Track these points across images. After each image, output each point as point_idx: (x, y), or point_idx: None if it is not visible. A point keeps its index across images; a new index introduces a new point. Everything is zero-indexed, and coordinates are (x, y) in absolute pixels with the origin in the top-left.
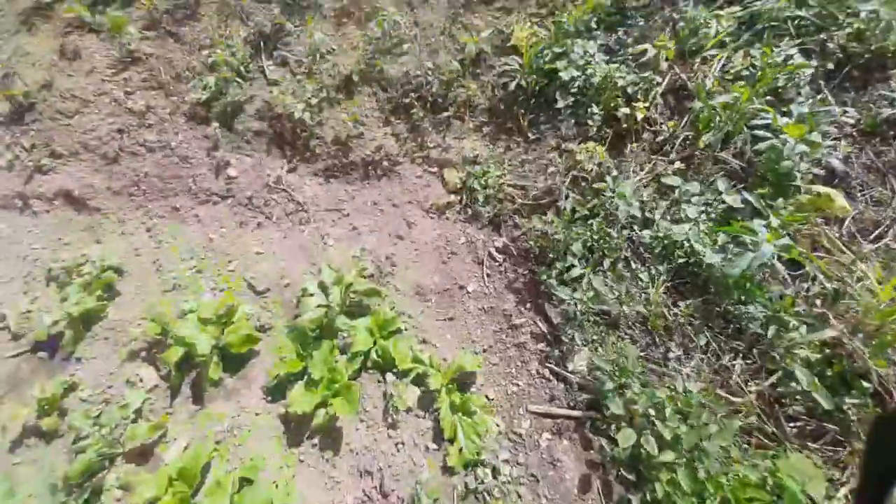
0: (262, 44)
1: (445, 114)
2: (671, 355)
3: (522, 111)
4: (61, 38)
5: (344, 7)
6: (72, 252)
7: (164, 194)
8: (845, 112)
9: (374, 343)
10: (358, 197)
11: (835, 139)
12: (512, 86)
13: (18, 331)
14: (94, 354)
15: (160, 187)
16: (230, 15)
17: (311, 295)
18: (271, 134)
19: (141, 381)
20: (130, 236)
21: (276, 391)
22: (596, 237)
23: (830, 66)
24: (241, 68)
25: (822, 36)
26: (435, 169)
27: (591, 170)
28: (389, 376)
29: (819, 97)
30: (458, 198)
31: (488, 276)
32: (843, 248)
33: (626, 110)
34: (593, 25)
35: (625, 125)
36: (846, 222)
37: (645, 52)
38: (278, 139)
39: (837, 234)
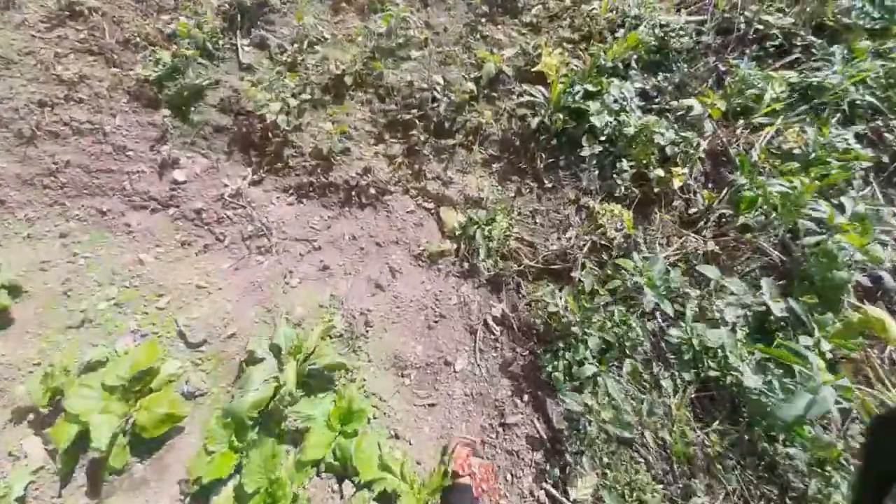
0: (238, 17)
1: (451, 140)
2: (696, 501)
3: (541, 152)
4: None
5: None
6: None
7: (88, 191)
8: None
9: (333, 440)
10: (334, 227)
11: (880, 243)
12: (533, 122)
13: None
14: None
15: (84, 182)
16: None
17: (260, 360)
18: (235, 133)
19: (26, 456)
20: (38, 242)
21: (199, 493)
22: (616, 330)
23: (885, 157)
24: (209, 44)
25: (879, 122)
26: (431, 205)
27: (614, 238)
28: (348, 486)
29: (867, 190)
30: (455, 246)
31: (481, 351)
32: (889, 383)
33: (661, 172)
34: (632, 64)
35: (656, 189)
36: (888, 348)
37: (691, 108)
38: (244, 141)
39: (879, 362)
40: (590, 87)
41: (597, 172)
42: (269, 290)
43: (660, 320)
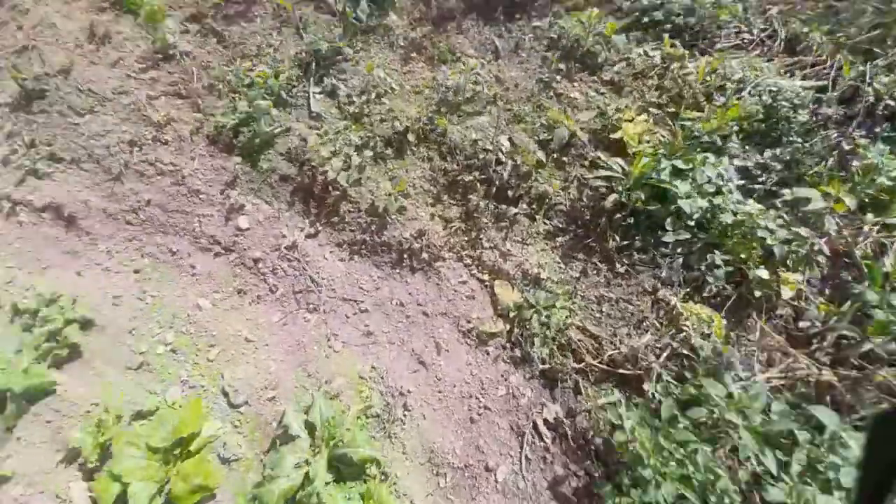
0: (313, 65)
1: (512, 208)
2: None
3: (614, 230)
4: (94, 14)
5: (417, 40)
6: (48, 283)
7: (163, 230)
8: None
9: None
10: (383, 288)
11: None
12: (609, 198)
13: None
14: (34, 439)
15: (161, 221)
16: (285, 22)
17: (294, 438)
18: (299, 182)
19: (71, 502)
20: (115, 275)
21: None
22: (698, 476)
23: None
24: (282, 92)
25: None
26: (485, 277)
27: (700, 348)
28: None
29: None
30: (508, 327)
31: (528, 460)
32: None
33: (764, 273)
34: (733, 136)
35: (756, 291)
36: None
37: (808, 200)
38: (305, 191)
39: None
40: (679, 164)
41: (681, 261)
42: (312, 353)
43: (755, 465)
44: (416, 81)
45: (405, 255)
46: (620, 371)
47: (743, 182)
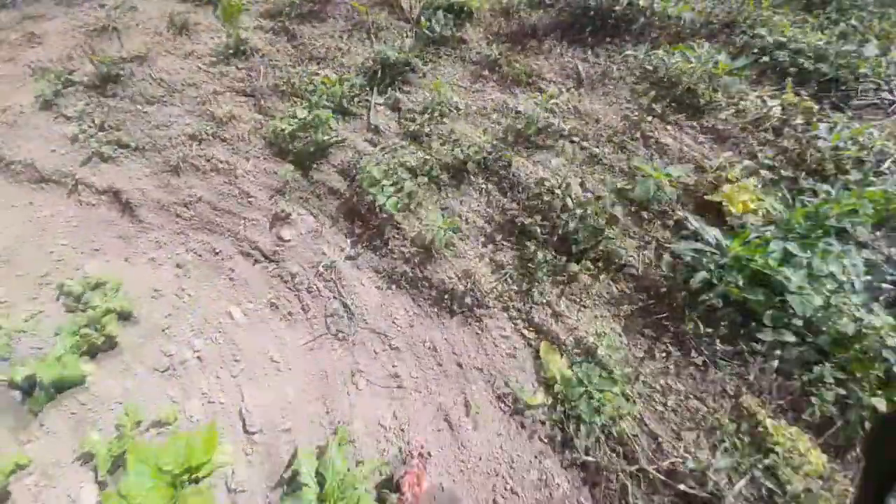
0: (379, 73)
1: (574, 264)
2: None
3: (696, 312)
4: (175, 3)
5: (492, 58)
6: (96, 265)
7: (209, 228)
8: None
9: None
10: (417, 327)
11: None
12: (697, 277)
13: (3, 353)
14: (56, 428)
15: (208, 218)
16: (357, 26)
17: (302, 487)
18: (346, 199)
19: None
20: (160, 268)
21: None
22: None
23: None
24: (344, 101)
25: None
26: (532, 335)
27: (789, 482)
28: None
29: None
30: (550, 399)
31: None
32: None
33: (881, 405)
34: (865, 224)
35: (867, 422)
36: None
37: None
38: (351, 209)
39: None
40: (793, 249)
41: (775, 365)
42: (334, 386)
43: None
44: (484, 103)
45: (446, 296)
46: (682, 487)
47: (869, 278)
